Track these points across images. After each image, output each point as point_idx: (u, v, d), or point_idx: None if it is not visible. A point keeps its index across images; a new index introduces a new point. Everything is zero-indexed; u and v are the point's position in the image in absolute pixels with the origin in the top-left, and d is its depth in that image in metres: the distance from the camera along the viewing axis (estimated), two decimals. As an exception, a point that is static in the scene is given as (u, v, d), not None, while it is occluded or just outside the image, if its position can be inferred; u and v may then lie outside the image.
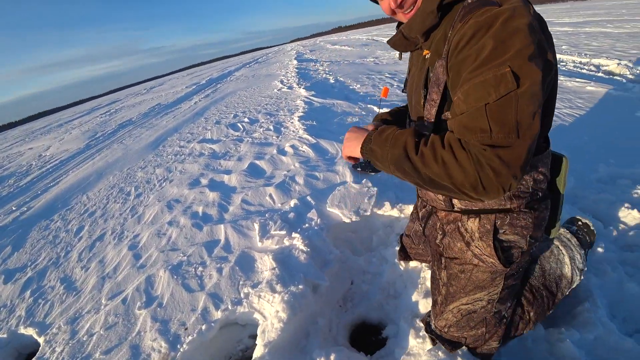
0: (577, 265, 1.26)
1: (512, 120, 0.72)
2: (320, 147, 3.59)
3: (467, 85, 0.76)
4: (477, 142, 0.75)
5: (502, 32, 0.72)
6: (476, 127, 0.75)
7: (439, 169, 0.79)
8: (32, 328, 2.02)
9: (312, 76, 9.46)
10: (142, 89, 28.73)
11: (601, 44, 6.94)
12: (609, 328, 1.25)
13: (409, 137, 0.86)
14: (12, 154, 10.54)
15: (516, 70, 0.71)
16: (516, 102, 0.72)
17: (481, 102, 0.74)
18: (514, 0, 0.75)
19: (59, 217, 3.77)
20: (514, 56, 0.71)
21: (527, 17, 0.73)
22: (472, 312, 1.14)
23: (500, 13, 0.73)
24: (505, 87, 0.71)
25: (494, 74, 0.72)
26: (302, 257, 1.84)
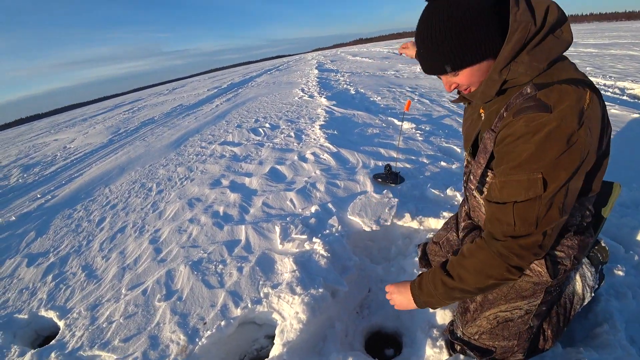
0: (587, 283, 1.27)
1: (533, 218, 0.87)
2: (342, 156, 3.62)
3: (505, 177, 0.90)
4: (501, 234, 0.92)
5: (544, 141, 0.82)
6: (504, 221, 0.91)
7: (477, 277, 0.98)
8: (52, 311, 2.08)
9: (333, 86, 9.56)
10: (164, 89, 29.43)
11: (626, 67, 6.85)
12: (628, 351, 1.24)
13: (441, 275, 1.05)
14: (37, 144, 10.91)
15: (546, 176, 0.83)
16: (539, 204, 0.86)
17: (512, 198, 0.89)
18: (567, 106, 0.81)
19: (82, 207, 3.88)
20: (548, 164, 0.82)
21: (570, 127, 0.80)
22: (509, 321, 1.17)
23: (548, 122, 0.81)
24: (534, 192, 0.85)
25: (528, 177, 0.85)
26: (322, 262, 1.86)
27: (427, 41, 0.93)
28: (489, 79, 0.93)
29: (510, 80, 0.91)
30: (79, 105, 79.55)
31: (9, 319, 2.11)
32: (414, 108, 5.34)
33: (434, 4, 0.91)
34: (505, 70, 0.89)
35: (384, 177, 2.81)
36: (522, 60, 0.87)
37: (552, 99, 0.83)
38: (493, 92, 0.94)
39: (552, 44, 0.86)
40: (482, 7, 0.86)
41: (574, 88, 0.83)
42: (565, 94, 0.82)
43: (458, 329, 1.28)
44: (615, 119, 3.73)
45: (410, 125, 4.40)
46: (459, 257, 1.03)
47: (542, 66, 0.87)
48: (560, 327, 1.26)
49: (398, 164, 3.09)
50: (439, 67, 0.95)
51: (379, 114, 5.47)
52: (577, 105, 0.81)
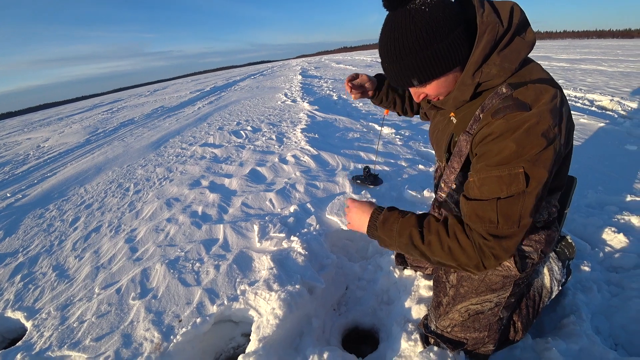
0: (555, 277, 1.34)
1: (517, 215, 0.86)
2: (322, 159, 3.65)
3: (485, 174, 0.88)
4: (484, 231, 0.89)
5: (523, 137, 0.82)
6: (486, 218, 0.88)
7: (445, 255, 0.95)
8: (20, 312, 2.00)
9: (315, 92, 9.63)
10: (145, 90, 28.89)
11: (595, 81, 7.20)
12: (593, 340, 1.31)
13: (413, 229, 1.00)
14: (9, 142, 10.49)
15: (528, 171, 0.83)
16: (523, 200, 0.85)
17: (494, 195, 0.87)
18: (543, 103, 0.83)
19: (55, 206, 3.75)
20: (529, 159, 0.83)
21: (547, 122, 0.82)
22: (480, 313, 1.20)
23: (527, 119, 0.82)
24: (517, 187, 0.84)
25: (509, 172, 0.84)
26: (299, 260, 1.87)
27: (391, 56, 0.91)
28: (462, 83, 0.93)
29: (483, 82, 0.91)
30: (55, 104, 77.08)
31: (-27, 321, 2.02)
32: (394, 114, 5.43)
33: (394, 16, 0.89)
34: (477, 73, 0.89)
35: (363, 178, 2.86)
36: (494, 62, 0.88)
37: (529, 98, 0.85)
38: (467, 97, 0.95)
39: (520, 45, 0.88)
40: (445, 16, 0.85)
41: (547, 87, 0.86)
42: (541, 93, 0.85)
43: (432, 323, 1.31)
44: (584, 128, 3.93)
45: (390, 130, 4.48)
46: (441, 226, 0.97)
47: (513, 67, 0.88)
48: (530, 319, 1.32)
49: (377, 167, 3.15)
50: (405, 81, 0.95)
51: (360, 119, 5.55)
52: (552, 103, 0.84)
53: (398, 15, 0.88)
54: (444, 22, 0.85)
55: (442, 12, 0.85)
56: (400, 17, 0.87)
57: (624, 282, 1.63)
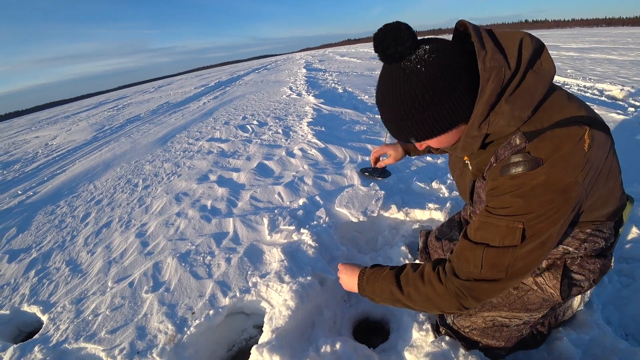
0: (584, 299, 1.31)
1: (503, 265, 0.81)
2: (329, 152, 3.64)
3: (484, 218, 0.84)
4: (466, 274, 0.86)
5: (528, 196, 0.76)
6: (471, 261, 0.84)
7: (426, 304, 0.95)
8: (35, 306, 2.04)
9: (320, 85, 9.58)
10: (150, 87, 28.99)
11: (605, 70, 7.08)
12: (604, 330, 1.30)
13: (391, 285, 1.00)
14: (17, 141, 10.61)
15: (527, 228, 0.77)
16: (513, 255, 0.80)
17: (485, 241, 0.83)
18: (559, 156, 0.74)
19: (65, 203, 3.80)
20: (531, 218, 0.77)
21: (562, 178, 0.74)
22: (505, 327, 1.16)
23: (534, 177, 0.75)
24: (510, 241, 0.79)
25: (507, 224, 0.79)
26: (310, 252, 1.88)
27: (386, 115, 0.87)
28: (468, 135, 0.84)
29: (492, 133, 0.82)
30: (61, 102, 77.67)
31: (-10, 315, 2.06)
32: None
33: (390, 72, 0.81)
34: (484, 124, 0.80)
35: (371, 171, 2.84)
36: (502, 110, 0.77)
37: (544, 151, 0.75)
38: (475, 149, 0.87)
39: (534, 82, 0.76)
40: (445, 75, 0.76)
41: (568, 132, 0.74)
42: (561, 142, 0.74)
43: (449, 317, 1.28)
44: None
45: (397, 122, 4.45)
46: (417, 276, 0.96)
47: (525, 115, 0.77)
48: (549, 332, 1.31)
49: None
50: (403, 138, 0.88)
51: (366, 111, 5.52)
52: (573, 152, 0.74)
53: (393, 72, 0.80)
54: (443, 82, 0.76)
55: (441, 70, 0.76)
56: (395, 75, 0.80)
57: (635, 272, 1.62)
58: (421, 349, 1.28)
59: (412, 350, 1.29)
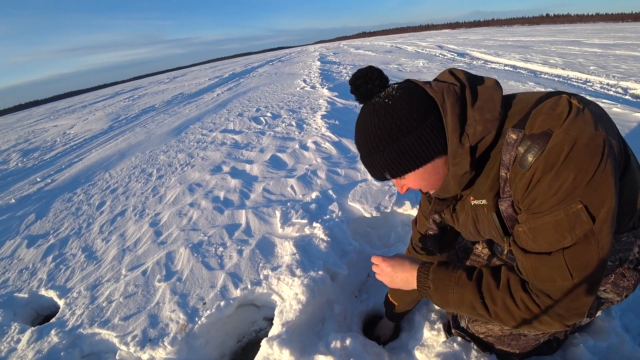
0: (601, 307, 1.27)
1: (595, 261, 0.69)
2: (343, 146, 3.62)
3: (535, 222, 0.72)
4: (560, 292, 0.72)
5: (566, 169, 0.67)
6: (556, 277, 0.72)
7: (520, 328, 0.80)
8: (52, 291, 2.09)
9: (335, 78, 9.51)
10: (165, 78, 29.27)
11: (630, 67, 6.82)
12: (622, 338, 1.26)
13: (473, 298, 0.83)
14: (37, 130, 10.88)
15: (587, 203, 0.67)
16: (596, 242, 0.68)
17: (556, 246, 0.71)
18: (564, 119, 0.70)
19: (82, 191, 3.88)
20: (583, 189, 0.67)
21: (584, 137, 0.67)
22: (522, 336, 1.12)
23: (560, 148, 0.68)
24: (581, 228, 0.67)
25: (566, 213, 0.68)
26: (322, 246, 1.87)
27: (361, 151, 0.87)
28: (454, 157, 0.80)
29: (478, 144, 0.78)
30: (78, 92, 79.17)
31: (9, 297, 2.11)
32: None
33: (363, 109, 0.86)
34: (464, 138, 0.77)
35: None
36: (474, 119, 0.77)
37: (545, 123, 0.72)
38: (467, 166, 0.79)
39: (488, 92, 0.79)
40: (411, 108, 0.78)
41: (553, 99, 0.74)
42: (551, 109, 0.73)
43: (463, 320, 1.23)
44: (616, 118, 3.72)
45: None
46: (507, 297, 0.79)
47: (497, 113, 0.76)
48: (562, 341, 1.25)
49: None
50: (379, 176, 0.87)
51: (380, 105, 5.46)
52: (572, 112, 0.71)
53: (365, 109, 0.84)
54: (410, 114, 0.77)
55: (408, 103, 0.78)
56: (367, 111, 0.83)
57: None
58: (432, 348, 1.27)
59: (423, 350, 1.27)
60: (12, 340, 1.75)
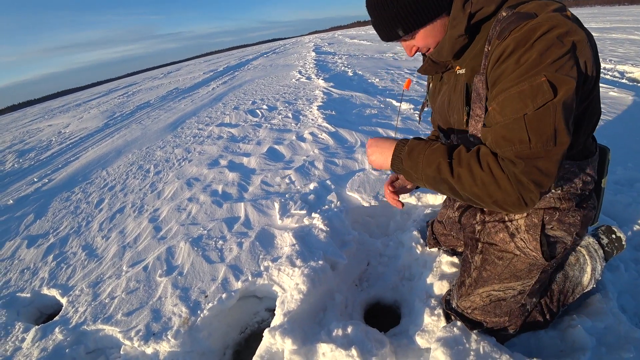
0: (595, 276, 1.28)
1: (551, 129, 0.73)
2: (340, 136, 3.61)
3: (503, 96, 0.77)
4: (514, 155, 0.76)
5: (538, 45, 0.73)
6: (514, 139, 0.76)
7: (478, 190, 0.80)
8: (55, 289, 2.10)
9: (330, 68, 9.45)
10: (159, 73, 29.02)
11: (627, 51, 6.78)
12: (619, 318, 1.27)
13: (442, 160, 0.85)
14: (32, 130, 10.80)
15: (551, 79, 0.72)
16: (554, 111, 0.72)
17: (519, 113, 0.75)
18: (551, 10, 0.76)
19: (80, 189, 3.87)
20: (549, 66, 0.72)
21: (563, 27, 0.73)
22: (502, 300, 1.15)
23: (538, 27, 0.74)
24: (543, 97, 0.72)
25: (530, 84, 0.73)
26: (321, 236, 1.88)
27: (373, 8, 0.91)
28: (453, 19, 0.87)
29: (476, 13, 0.85)
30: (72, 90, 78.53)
31: (12, 298, 2.12)
32: (413, 89, 5.29)
33: None
34: (467, 4, 0.85)
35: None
36: None
37: (532, 8, 0.78)
38: (462, 29, 0.87)
39: None
40: None
41: (551, 1, 0.79)
42: (544, 4, 0.78)
43: (453, 300, 1.28)
44: (613, 101, 3.73)
45: (408, 105, 4.37)
46: (473, 159, 0.82)
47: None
48: (559, 310, 1.28)
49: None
50: (392, 33, 0.92)
51: (377, 95, 5.43)
52: (562, 13, 0.76)
53: None
54: None
55: None
56: None
57: (652, 261, 1.56)
58: (432, 333, 1.28)
59: (424, 335, 1.29)
60: (17, 340, 1.76)
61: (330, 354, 1.25)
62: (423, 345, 1.28)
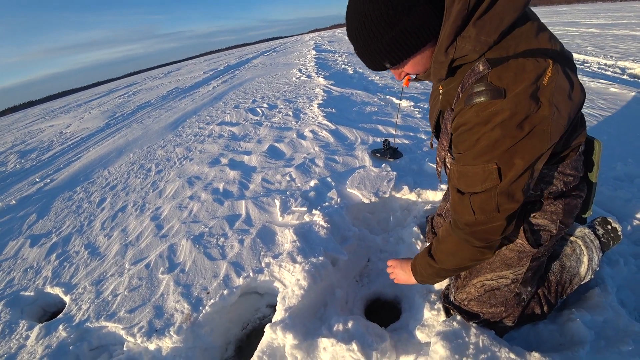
0: (592, 267, 1.29)
1: (493, 206, 0.86)
2: (340, 133, 3.61)
3: (461, 168, 0.87)
4: (464, 223, 0.93)
5: (496, 132, 0.77)
6: (464, 211, 0.91)
7: (454, 259, 1.04)
8: (58, 288, 2.11)
9: (330, 66, 9.43)
10: (159, 73, 29.02)
11: (628, 47, 6.75)
12: (618, 312, 1.28)
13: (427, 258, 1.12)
14: (33, 130, 10.82)
15: (501, 165, 0.80)
16: (496, 195, 0.84)
17: (470, 189, 0.87)
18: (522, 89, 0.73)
19: (82, 189, 3.89)
20: (503, 154, 0.79)
21: (524, 112, 0.74)
22: (495, 289, 1.17)
23: (501, 111, 0.75)
24: (490, 182, 0.82)
25: (483, 168, 0.82)
26: (322, 232, 1.89)
27: (357, 43, 0.87)
28: (435, 61, 0.85)
29: (458, 59, 0.83)
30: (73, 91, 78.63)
31: (16, 296, 2.14)
32: (413, 87, 5.29)
33: None
34: (451, 48, 0.80)
35: (383, 152, 2.81)
36: (469, 34, 0.77)
37: (505, 80, 0.75)
38: (443, 74, 0.88)
39: (504, 8, 0.74)
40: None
41: (532, 62, 0.74)
42: (521, 72, 0.74)
43: (451, 294, 1.31)
44: (614, 97, 3.72)
45: (409, 103, 4.37)
46: (436, 240, 1.08)
47: (491, 40, 0.76)
48: (556, 301, 1.29)
49: (396, 140, 3.09)
50: (378, 65, 0.90)
51: (377, 92, 5.42)
52: (536, 84, 0.73)
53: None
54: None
55: None
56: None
57: (651, 256, 1.57)
58: (432, 328, 1.29)
59: (424, 329, 1.30)
60: (21, 337, 1.78)
61: (331, 348, 1.26)
62: (423, 339, 1.29)
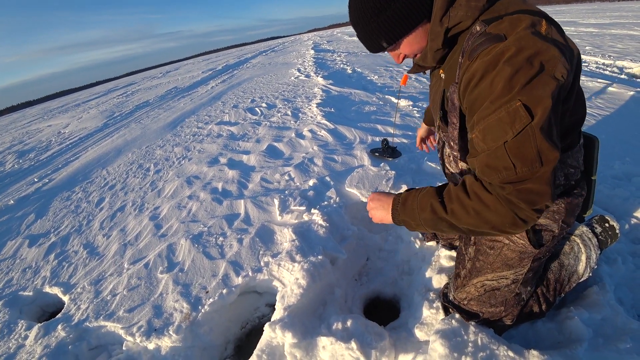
0: (590, 265, 1.30)
1: (534, 152, 0.74)
2: (339, 133, 3.62)
3: (483, 124, 0.78)
4: (503, 181, 0.78)
5: (507, 69, 0.73)
6: (499, 166, 0.78)
7: (474, 220, 0.85)
8: (57, 287, 2.11)
9: (329, 66, 9.44)
10: (158, 72, 28.97)
11: (626, 47, 6.78)
12: (616, 310, 1.28)
13: (433, 199, 0.92)
14: (31, 130, 10.79)
15: (526, 102, 0.72)
16: (533, 134, 0.73)
17: (500, 140, 0.76)
18: (521, 29, 0.75)
19: (80, 189, 3.88)
20: (522, 90, 0.72)
21: (531, 48, 0.73)
22: (496, 289, 1.17)
23: (506, 50, 0.74)
24: (520, 122, 0.73)
25: (507, 110, 0.74)
26: (321, 231, 1.89)
27: (356, 23, 0.95)
28: (432, 32, 0.90)
29: (453, 27, 0.87)
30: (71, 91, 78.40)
31: (14, 296, 2.14)
32: (411, 86, 5.29)
33: None
34: (445, 18, 0.86)
35: (381, 151, 2.82)
36: (460, 3, 0.84)
37: (503, 28, 0.77)
38: (439, 44, 0.90)
39: None
40: None
41: (526, 15, 0.78)
42: (516, 20, 0.77)
43: (450, 293, 1.30)
44: (612, 97, 3.73)
45: (407, 102, 4.37)
46: (461, 191, 0.87)
47: (480, 4, 0.83)
48: (555, 300, 1.29)
49: (395, 139, 3.10)
50: (376, 45, 0.96)
51: (376, 92, 5.43)
52: (533, 28, 0.75)
53: None
54: None
55: None
56: None
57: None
58: (431, 326, 1.29)
59: (423, 328, 1.30)
60: (19, 337, 1.78)
61: (330, 347, 1.26)
62: (422, 337, 1.29)
